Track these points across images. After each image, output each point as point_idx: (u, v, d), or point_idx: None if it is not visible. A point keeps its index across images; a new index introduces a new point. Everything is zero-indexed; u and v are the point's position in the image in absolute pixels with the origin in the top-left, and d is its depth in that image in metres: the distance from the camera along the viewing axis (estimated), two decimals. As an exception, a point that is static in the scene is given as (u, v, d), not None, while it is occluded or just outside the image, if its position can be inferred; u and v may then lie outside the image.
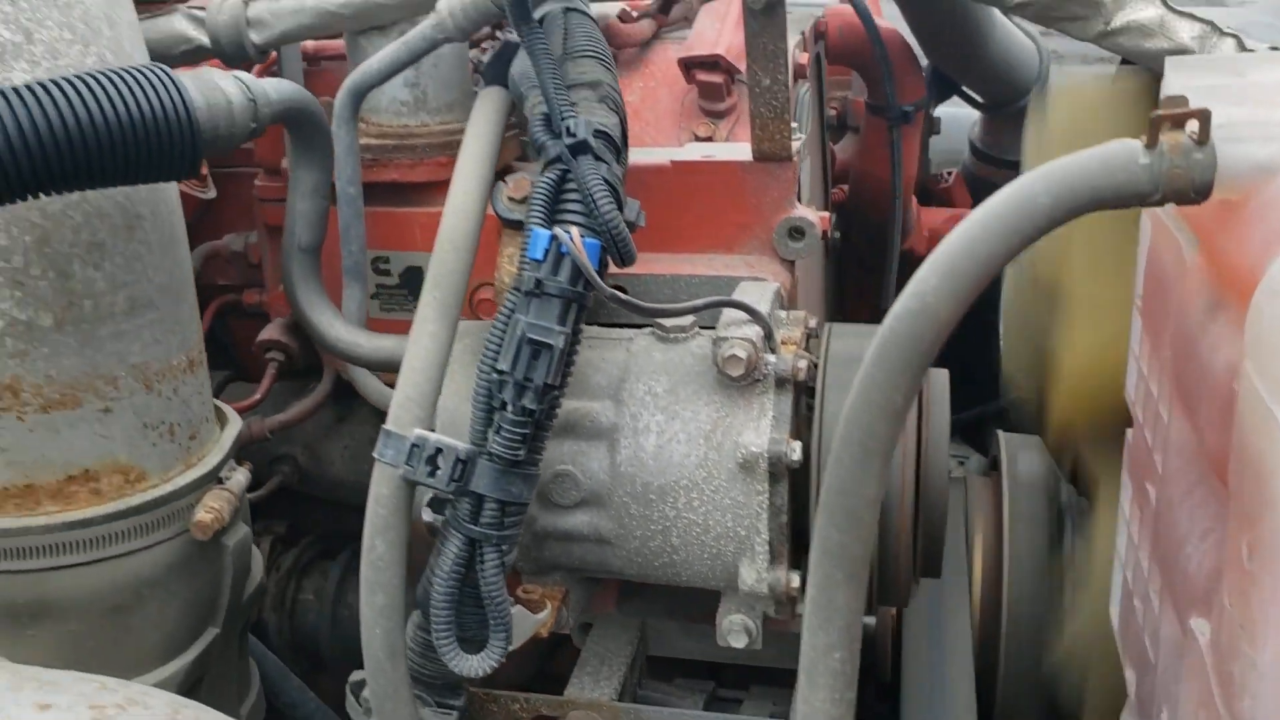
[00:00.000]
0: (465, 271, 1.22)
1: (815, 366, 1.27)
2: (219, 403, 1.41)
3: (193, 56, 1.56)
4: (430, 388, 1.17)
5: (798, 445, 1.20)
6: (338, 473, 1.88)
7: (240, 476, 1.35)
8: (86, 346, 1.18)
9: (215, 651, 1.36)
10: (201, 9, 1.54)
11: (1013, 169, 2.86)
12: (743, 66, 1.62)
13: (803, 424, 1.27)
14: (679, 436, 1.25)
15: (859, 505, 0.83)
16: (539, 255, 1.12)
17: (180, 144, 1.06)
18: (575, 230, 1.12)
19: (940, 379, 1.29)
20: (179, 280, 1.28)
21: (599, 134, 1.18)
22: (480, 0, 1.29)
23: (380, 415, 1.86)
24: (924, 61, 2.56)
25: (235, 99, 1.13)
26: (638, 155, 1.44)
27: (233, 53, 1.53)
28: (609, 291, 1.14)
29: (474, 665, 1.16)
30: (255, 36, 1.51)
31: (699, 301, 1.23)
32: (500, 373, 1.12)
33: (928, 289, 0.80)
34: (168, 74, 1.07)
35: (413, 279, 1.61)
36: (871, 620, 1.74)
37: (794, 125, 1.40)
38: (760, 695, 1.60)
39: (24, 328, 1.15)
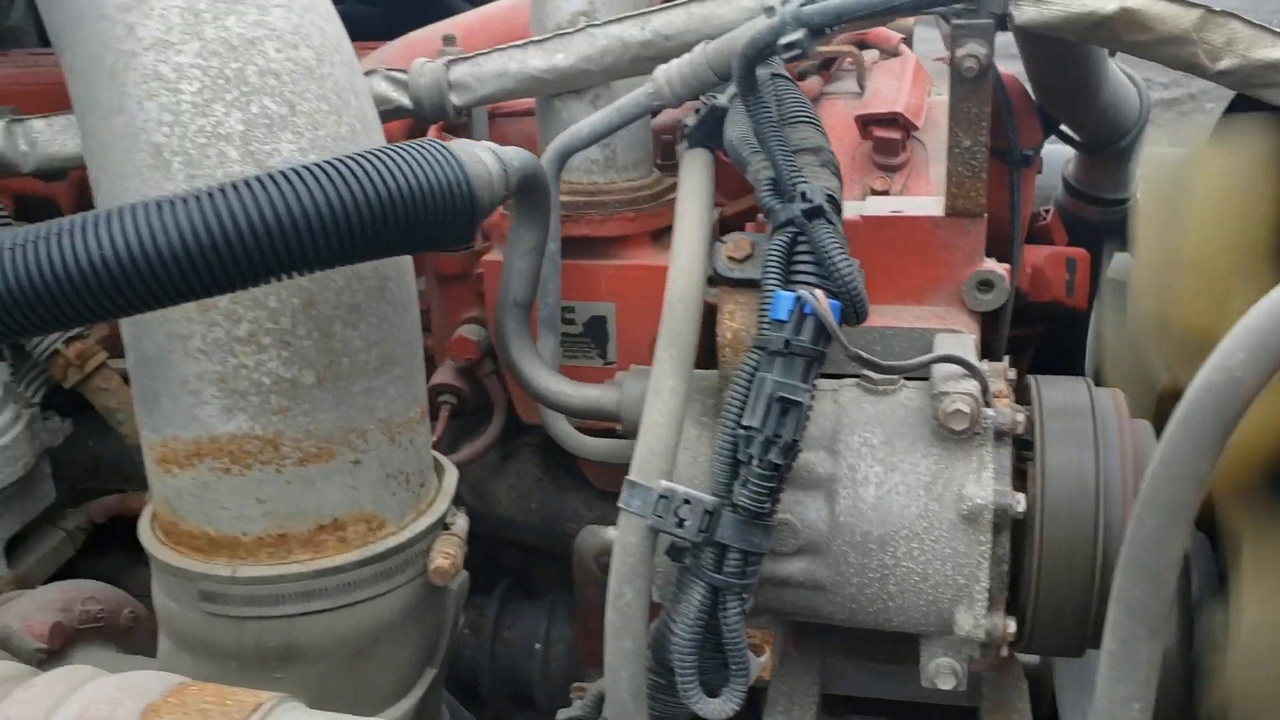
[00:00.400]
0: (696, 329, 1.27)
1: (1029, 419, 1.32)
2: (434, 451, 1.47)
3: (389, 116, 1.63)
4: (672, 441, 1.22)
5: (1022, 497, 1.25)
6: (503, 511, 1.94)
7: (462, 521, 1.41)
8: (342, 403, 1.24)
9: (434, 691, 1.42)
10: (401, 72, 1.60)
11: (1107, 206, 2.92)
12: (919, 123, 1.68)
13: (1015, 474, 1.31)
14: (898, 488, 1.30)
15: (1162, 567, 0.88)
16: (783, 316, 1.18)
17: (461, 215, 1.12)
18: (820, 292, 1.17)
19: (1146, 429, 1.34)
20: (415, 336, 1.34)
21: (828, 198, 1.24)
22: (699, 69, 1.35)
23: (547, 456, 1.93)
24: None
25: (493, 169, 1.19)
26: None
27: (432, 114, 1.60)
28: (852, 351, 1.19)
29: (716, 708, 1.21)
30: (456, 99, 1.57)
31: (925, 357, 1.28)
32: (747, 429, 1.17)
33: (1235, 363, 0.85)
34: (444, 148, 1.13)
35: (596, 328, 1.67)
36: (1034, 659, 1.77)
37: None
38: (936, 733, 1.64)
39: (288, 385, 1.22)
